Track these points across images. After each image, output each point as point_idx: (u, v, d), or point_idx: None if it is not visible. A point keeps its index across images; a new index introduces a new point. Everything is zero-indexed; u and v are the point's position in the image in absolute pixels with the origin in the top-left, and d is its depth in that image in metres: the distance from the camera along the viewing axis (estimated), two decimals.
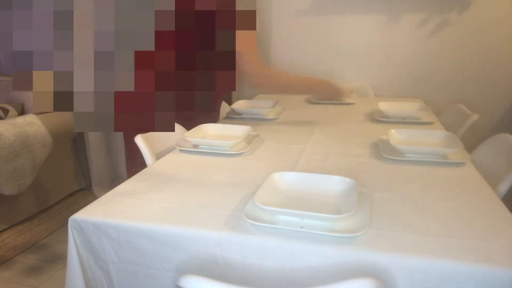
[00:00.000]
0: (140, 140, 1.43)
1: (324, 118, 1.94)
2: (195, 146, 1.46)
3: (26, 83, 0.96)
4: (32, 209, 2.51)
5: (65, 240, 2.14)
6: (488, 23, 2.47)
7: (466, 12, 2.48)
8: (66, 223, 0.97)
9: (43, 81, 0.96)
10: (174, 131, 1.47)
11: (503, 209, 0.94)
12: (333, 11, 2.71)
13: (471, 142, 1.58)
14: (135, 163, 1.49)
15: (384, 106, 1.98)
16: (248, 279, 0.85)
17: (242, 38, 1.45)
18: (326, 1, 2.70)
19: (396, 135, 1.46)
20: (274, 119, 1.94)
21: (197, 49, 1.46)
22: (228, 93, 2.83)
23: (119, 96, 1.08)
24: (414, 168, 1.22)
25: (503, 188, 1.20)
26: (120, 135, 2.73)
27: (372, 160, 1.31)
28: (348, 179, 1.01)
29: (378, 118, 1.87)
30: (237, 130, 1.55)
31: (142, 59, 1.11)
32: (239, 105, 2.12)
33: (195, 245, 0.88)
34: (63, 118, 2.64)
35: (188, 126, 1.56)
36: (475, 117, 1.84)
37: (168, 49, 1.34)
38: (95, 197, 2.30)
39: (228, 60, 1.51)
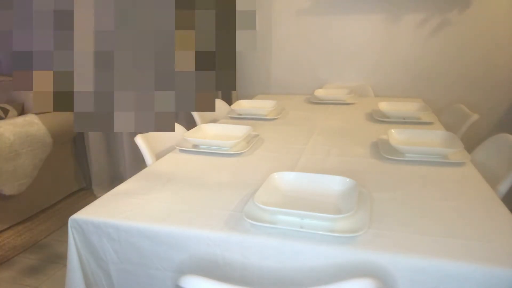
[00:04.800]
0: (140, 140, 1.43)
1: (324, 118, 1.94)
2: (195, 146, 1.46)
3: (26, 83, 0.96)
4: (32, 209, 2.51)
5: (65, 240, 2.14)
6: (488, 23, 2.47)
7: (466, 12, 2.48)
8: (66, 223, 0.97)
9: (43, 81, 0.96)
10: (174, 131, 1.47)
11: (503, 209, 0.94)
12: (333, 11, 2.71)
13: (471, 142, 1.58)
14: None
15: (384, 106, 1.98)
16: (248, 279, 0.85)
17: None
18: (326, 1, 2.70)
19: (396, 135, 1.46)
20: (274, 119, 1.94)
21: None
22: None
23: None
24: (414, 168, 1.22)
25: (503, 188, 1.20)
26: (120, 135, 2.73)
27: (372, 160, 1.31)
28: (348, 179, 1.01)
29: (378, 118, 1.86)
30: (237, 130, 1.55)
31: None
32: (239, 105, 2.12)
33: (195, 245, 0.88)
34: (63, 118, 2.64)
35: None
36: (475, 117, 1.84)
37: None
38: (95, 197, 2.29)
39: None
